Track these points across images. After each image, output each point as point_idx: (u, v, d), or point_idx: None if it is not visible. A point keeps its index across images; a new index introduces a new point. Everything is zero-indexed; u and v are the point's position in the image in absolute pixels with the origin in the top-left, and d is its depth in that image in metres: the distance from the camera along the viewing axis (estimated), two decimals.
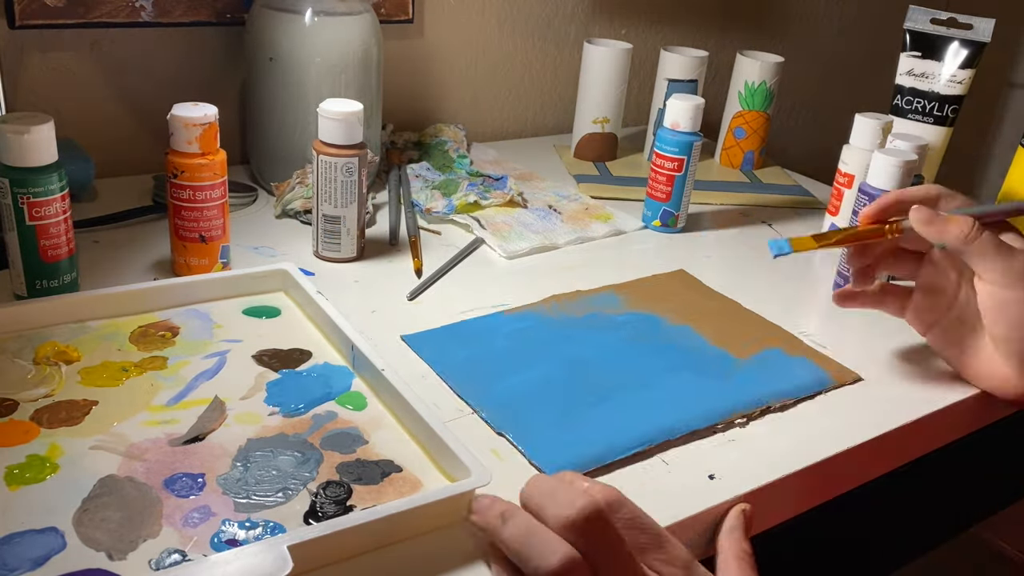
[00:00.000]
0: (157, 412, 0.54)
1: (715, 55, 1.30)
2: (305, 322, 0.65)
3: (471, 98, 1.12)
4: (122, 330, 0.61)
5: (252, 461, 0.50)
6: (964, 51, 0.89)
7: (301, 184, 0.81)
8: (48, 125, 0.59)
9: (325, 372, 0.59)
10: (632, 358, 0.65)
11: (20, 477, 0.47)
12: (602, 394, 0.60)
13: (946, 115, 0.91)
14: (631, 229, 0.88)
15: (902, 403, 0.63)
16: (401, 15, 1.01)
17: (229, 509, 0.47)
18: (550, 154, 1.10)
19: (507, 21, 1.11)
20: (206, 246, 0.69)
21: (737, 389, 0.62)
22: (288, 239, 0.79)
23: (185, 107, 0.66)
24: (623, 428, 0.56)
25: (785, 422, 0.60)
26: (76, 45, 0.84)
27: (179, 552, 0.44)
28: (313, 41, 0.81)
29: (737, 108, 1.08)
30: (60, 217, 0.61)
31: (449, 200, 0.87)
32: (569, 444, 0.54)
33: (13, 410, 0.52)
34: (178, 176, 0.66)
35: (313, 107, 0.78)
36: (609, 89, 1.04)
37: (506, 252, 0.80)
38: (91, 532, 0.44)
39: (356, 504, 0.48)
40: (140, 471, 0.49)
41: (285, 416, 0.55)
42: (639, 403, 0.59)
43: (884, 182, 0.74)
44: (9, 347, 0.58)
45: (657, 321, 0.70)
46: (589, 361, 0.63)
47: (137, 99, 0.89)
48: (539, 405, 0.58)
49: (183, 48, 0.89)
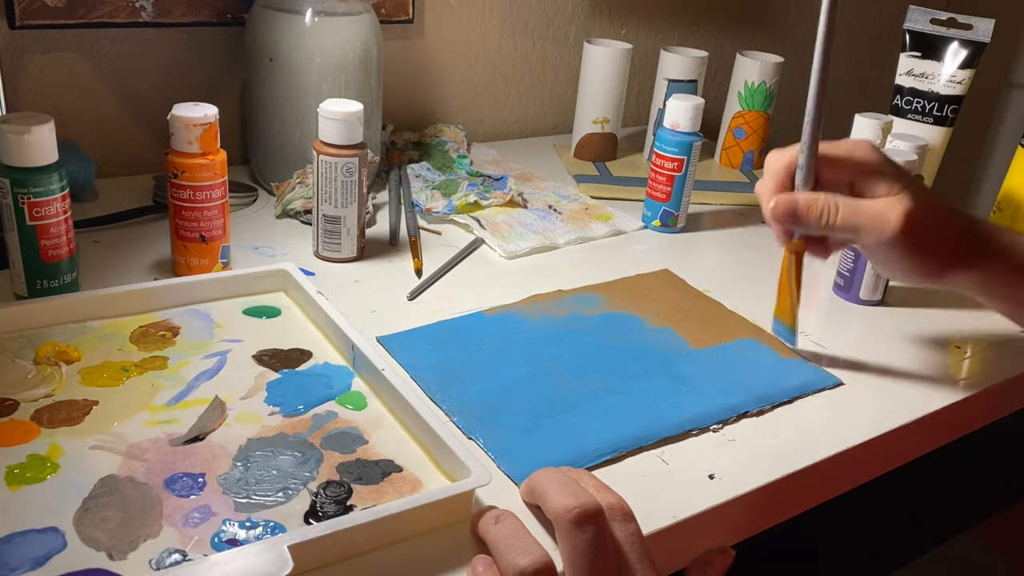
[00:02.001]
0: (157, 412, 0.54)
1: (715, 55, 1.30)
2: (305, 322, 0.65)
3: (471, 98, 1.12)
4: (122, 330, 0.62)
5: (252, 461, 0.50)
6: (964, 51, 0.89)
7: (301, 184, 0.82)
8: (48, 125, 0.59)
9: (325, 372, 0.59)
10: (609, 361, 0.64)
11: (21, 477, 0.47)
12: (575, 399, 0.59)
13: (946, 115, 0.91)
14: (631, 229, 0.88)
15: (901, 403, 0.63)
16: (401, 15, 1.01)
17: (229, 509, 0.47)
18: (550, 154, 1.10)
19: (507, 21, 1.11)
20: (206, 246, 0.69)
21: (714, 394, 0.61)
22: (288, 239, 0.79)
23: (185, 107, 0.66)
24: (594, 435, 0.55)
25: (786, 422, 0.60)
26: (76, 45, 0.84)
27: (179, 552, 0.44)
28: (313, 41, 0.81)
29: (737, 108, 1.08)
30: (60, 217, 0.62)
31: (449, 200, 0.87)
32: (539, 451, 0.54)
33: (13, 410, 0.52)
34: (178, 176, 0.66)
35: (313, 107, 0.78)
36: (609, 89, 1.04)
37: (506, 252, 0.80)
38: (91, 532, 0.44)
39: (356, 504, 0.48)
40: (140, 471, 0.49)
41: (285, 416, 0.55)
42: (612, 409, 0.58)
43: None
44: (9, 347, 0.58)
45: (637, 322, 0.70)
46: (565, 364, 0.63)
47: (137, 99, 0.89)
48: (511, 410, 0.57)
49: (183, 48, 0.89)
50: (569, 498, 0.44)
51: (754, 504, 0.54)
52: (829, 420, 0.61)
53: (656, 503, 0.51)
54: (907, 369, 0.68)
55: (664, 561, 0.49)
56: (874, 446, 0.59)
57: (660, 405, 0.59)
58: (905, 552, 0.79)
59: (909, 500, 0.73)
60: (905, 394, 0.64)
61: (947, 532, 0.85)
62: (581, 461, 0.53)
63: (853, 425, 0.60)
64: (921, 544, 0.82)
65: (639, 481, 0.53)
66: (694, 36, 1.29)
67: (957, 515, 0.84)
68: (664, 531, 0.49)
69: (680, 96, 0.86)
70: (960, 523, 0.86)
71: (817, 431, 0.59)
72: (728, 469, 0.54)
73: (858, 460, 0.59)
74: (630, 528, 0.45)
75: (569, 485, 0.45)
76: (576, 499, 0.44)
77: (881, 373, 0.67)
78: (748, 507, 0.53)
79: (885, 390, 0.65)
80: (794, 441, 0.58)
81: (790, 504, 0.58)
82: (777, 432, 0.59)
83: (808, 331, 0.71)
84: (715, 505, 0.52)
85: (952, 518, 0.84)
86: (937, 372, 0.68)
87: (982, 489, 0.84)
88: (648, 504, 0.50)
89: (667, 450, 0.56)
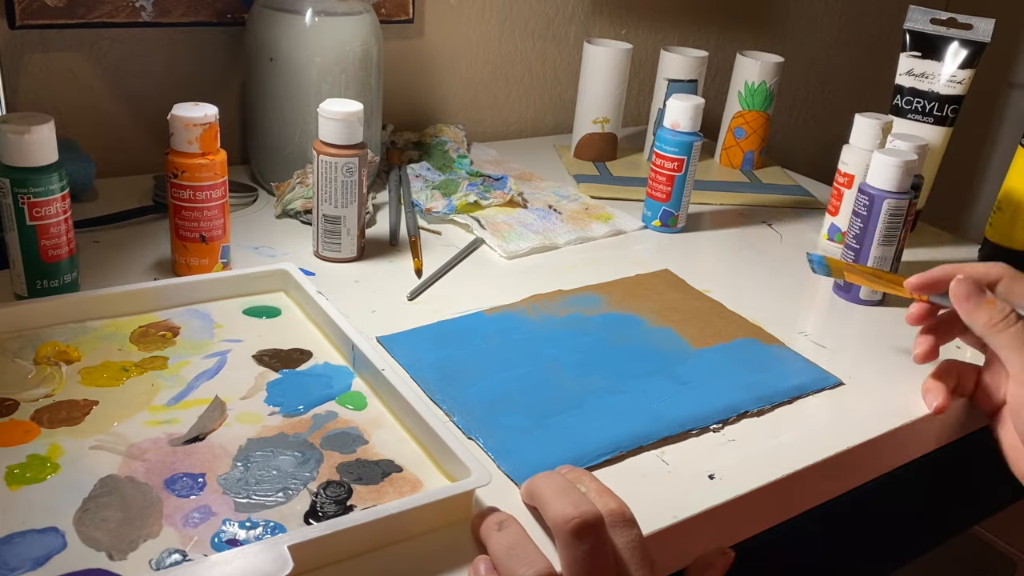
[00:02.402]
0: (157, 412, 0.54)
1: (715, 55, 1.30)
2: (305, 322, 0.65)
3: (471, 98, 1.12)
4: (122, 330, 0.62)
5: (252, 461, 0.50)
6: (964, 51, 0.89)
7: (301, 184, 0.82)
8: (48, 125, 0.59)
9: (325, 372, 0.59)
10: (609, 361, 0.64)
11: (21, 477, 0.47)
12: (575, 399, 0.59)
13: (946, 115, 0.91)
14: (631, 229, 0.88)
15: (901, 403, 0.63)
16: (401, 15, 1.01)
17: (229, 509, 0.47)
18: (550, 154, 1.10)
19: (507, 21, 1.11)
20: (206, 246, 0.69)
21: (714, 394, 0.61)
22: (288, 239, 0.79)
23: (185, 107, 0.66)
24: (594, 435, 0.55)
25: (786, 422, 0.60)
26: (76, 45, 0.84)
27: (179, 552, 0.44)
28: (313, 41, 0.81)
29: (737, 108, 1.08)
30: (60, 217, 0.61)
31: (449, 200, 0.87)
32: (539, 451, 0.54)
33: (13, 410, 0.52)
34: (178, 176, 0.66)
35: (313, 107, 0.78)
36: (609, 89, 1.04)
37: (506, 252, 0.80)
38: (91, 532, 0.44)
39: (356, 504, 0.48)
40: (140, 471, 0.49)
41: (285, 416, 0.55)
42: (612, 408, 0.58)
43: (884, 182, 0.74)
44: (9, 347, 0.58)
45: (638, 322, 0.70)
46: (565, 364, 0.63)
47: (137, 99, 0.89)
48: (511, 410, 0.57)
49: (183, 48, 0.89)
50: (568, 507, 0.43)
51: (754, 504, 0.54)
52: (829, 420, 0.61)
53: (656, 503, 0.51)
54: (907, 369, 0.68)
55: (664, 561, 0.49)
56: (874, 446, 0.59)
57: (660, 405, 0.59)
58: (905, 552, 0.79)
59: (909, 500, 0.73)
60: (905, 394, 0.64)
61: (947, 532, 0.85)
62: (581, 461, 0.53)
63: (853, 425, 0.60)
64: (921, 544, 0.82)
65: (639, 481, 0.53)
66: (694, 36, 1.29)
67: (957, 515, 0.84)
68: (664, 531, 0.49)
69: (680, 96, 0.86)
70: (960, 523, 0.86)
71: (817, 431, 0.59)
72: (728, 469, 0.54)
73: (858, 460, 0.59)
74: (631, 534, 0.45)
75: (569, 492, 0.45)
76: (575, 508, 0.43)
77: (881, 373, 0.67)
78: (748, 507, 0.53)
79: (885, 390, 0.65)
80: (794, 441, 0.58)
81: (790, 504, 0.58)
82: (777, 432, 0.59)
83: (808, 331, 0.71)
84: (715, 505, 0.52)
85: (952, 518, 0.84)
86: None
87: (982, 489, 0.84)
88: (648, 504, 0.50)
89: (667, 450, 0.56)
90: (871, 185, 0.75)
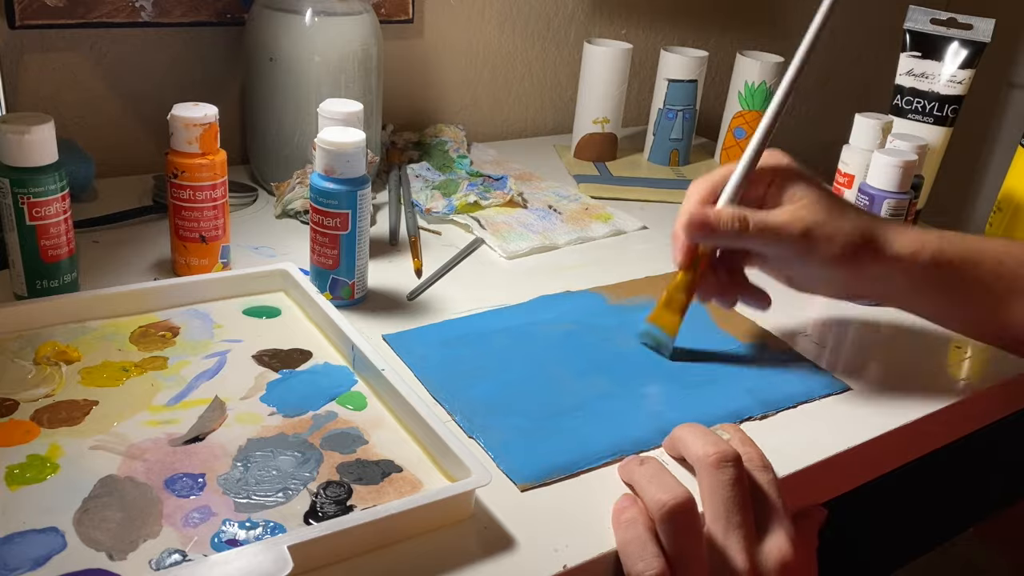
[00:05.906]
0: (157, 412, 0.54)
1: (715, 55, 1.30)
2: (305, 322, 0.65)
3: (471, 98, 1.12)
4: (122, 330, 0.61)
5: (252, 461, 0.50)
6: (964, 51, 0.89)
7: (301, 184, 0.81)
8: (48, 125, 0.59)
9: (325, 372, 0.59)
10: (611, 363, 0.64)
11: (20, 477, 0.47)
12: (577, 400, 0.59)
13: (946, 115, 0.91)
14: (631, 229, 0.88)
15: (901, 403, 0.63)
16: (401, 15, 1.01)
17: (229, 509, 0.47)
18: (550, 154, 1.10)
19: (507, 21, 1.11)
20: (206, 246, 0.69)
21: (718, 398, 0.61)
22: (288, 239, 0.79)
23: (185, 107, 0.66)
24: (596, 437, 0.55)
25: (786, 422, 0.60)
26: (76, 45, 0.84)
27: (179, 552, 0.44)
28: (313, 41, 0.81)
29: (737, 108, 1.08)
30: (60, 217, 0.61)
31: (449, 200, 0.87)
32: (539, 452, 0.54)
33: (13, 410, 0.52)
34: (178, 176, 0.66)
35: (313, 107, 0.78)
36: (609, 89, 1.04)
37: (506, 252, 0.80)
38: (91, 532, 0.44)
39: (356, 504, 0.48)
40: (140, 471, 0.49)
41: (285, 416, 0.55)
42: (614, 411, 0.58)
43: (884, 182, 0.74)
44: (9, 347, 0.58)
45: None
46: (567, 365, 0.63)
47: (137, 99, 0.89)
48: (513, 410, 0.57)
49: (183, 48, 0.89)
50: (709, 445, 0.49)
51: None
52: (829, 420, 0.61)
53: None
54: (907, 369, 0.68)
55: None
56: (874, 446, 0.59)
57: (663, 408, 0.59)
58: (905, 552, 0.79)
59: (909, 500, 0.73)
60: (905, 394, 0.64)
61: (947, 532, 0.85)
62: (582, 462, 0.53)
63: (853, 425, 0.60)
64: (921, 544, 0.82)
65: None
66: (694, 36, 1.29)
67: (957, 515, 0.84)
68: None
69: (334, 129, 0.65)
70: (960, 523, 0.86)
71: (817, 431, 0.59)
72: None
73: (858, 461, 0.59)
74: (767, 476, 0.50)
75: (709, 435, 0.50)
76: (715, 446, 0.49)
77: (881, 373, 0.67)
78: None
79: (885, 390, 0.65)
80: (794, 441, 0.58)
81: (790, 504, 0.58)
82: (778, 432, 0.59)
83: (808, 331, 0.71)
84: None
85: (952, 518, 0.84)
86: (937, 372, 0.68)
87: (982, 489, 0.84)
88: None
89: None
90: (871, 185, 0.75)
